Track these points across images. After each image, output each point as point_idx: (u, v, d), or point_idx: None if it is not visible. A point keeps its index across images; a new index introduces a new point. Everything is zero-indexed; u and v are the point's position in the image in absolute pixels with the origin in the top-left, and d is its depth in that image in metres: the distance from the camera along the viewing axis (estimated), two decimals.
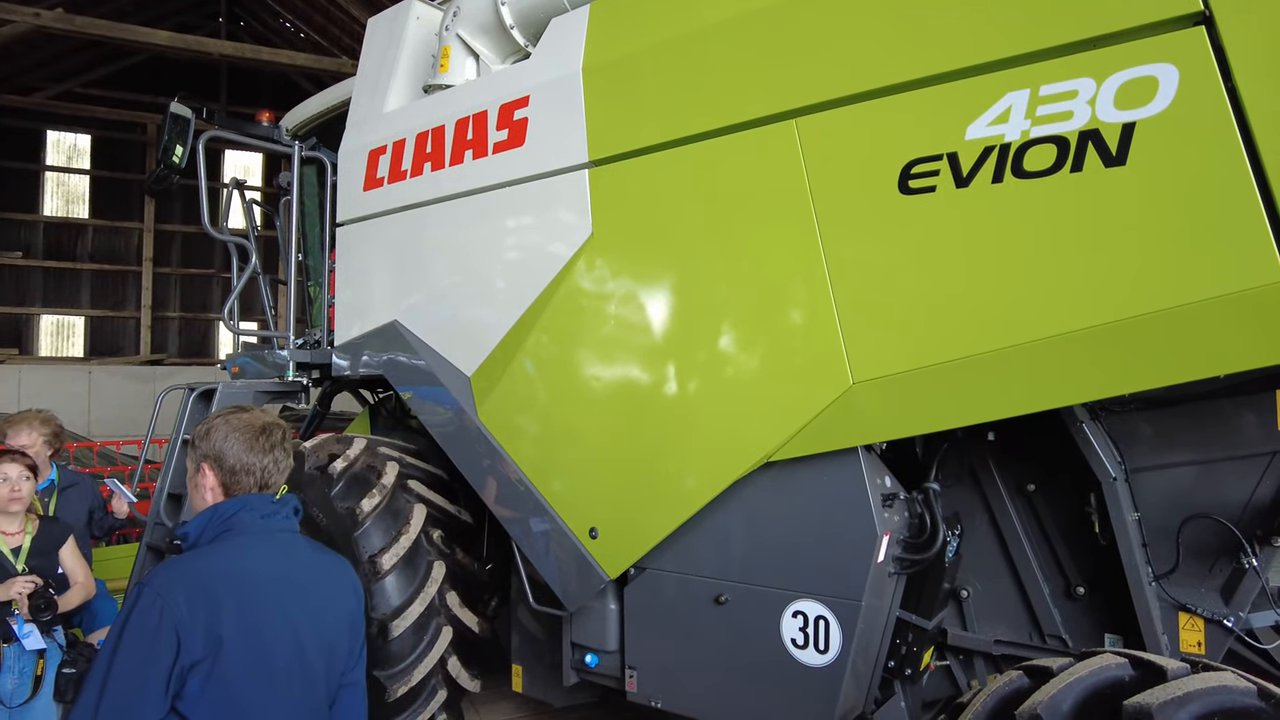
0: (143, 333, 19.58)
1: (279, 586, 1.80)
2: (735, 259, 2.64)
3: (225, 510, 1.83)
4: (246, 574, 1.76)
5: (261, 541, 1.84)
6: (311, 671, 1.82)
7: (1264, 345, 1.88)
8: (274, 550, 1.85)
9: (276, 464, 1.91)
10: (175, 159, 4.39)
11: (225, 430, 1.88)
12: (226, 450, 1.86)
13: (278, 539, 1.87)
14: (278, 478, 1.93)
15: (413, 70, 4.04)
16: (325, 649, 1.86)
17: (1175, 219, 1.94)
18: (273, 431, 1.93)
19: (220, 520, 1.82)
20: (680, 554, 2.85)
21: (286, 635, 1.77)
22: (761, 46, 2.59)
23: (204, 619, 1.64)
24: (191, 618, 1.62)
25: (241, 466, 1.86)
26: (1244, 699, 1.75)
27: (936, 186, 2.24)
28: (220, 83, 20.14)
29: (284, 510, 1.92)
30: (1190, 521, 2.52)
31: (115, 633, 1.62)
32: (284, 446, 1.95)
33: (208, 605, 1.65)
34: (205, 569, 1.74)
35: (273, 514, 1.88)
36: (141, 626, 1.60)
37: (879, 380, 2.34)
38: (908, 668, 2.75)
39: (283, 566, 1.84)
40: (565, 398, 3.06)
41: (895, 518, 2.60)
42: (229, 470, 1.86)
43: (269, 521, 1.86)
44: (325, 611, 1.89)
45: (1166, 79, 1.94)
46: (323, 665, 1.85)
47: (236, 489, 1.87)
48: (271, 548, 1.85)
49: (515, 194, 3.24)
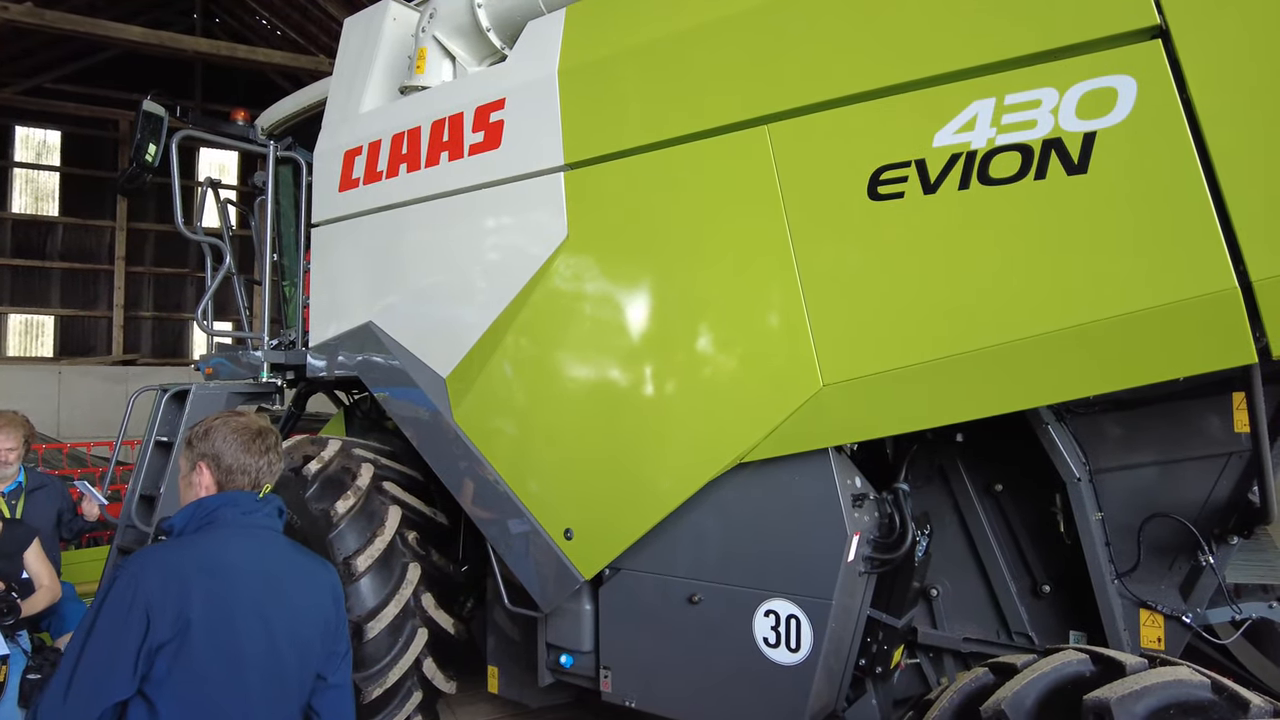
0: (115, 332, 19.28)
1: (253, 579, 1.86)
2: (708, 262, 2.67)
3: (209, 504, 1.91)
4: (221, 563, 1.83)
5: (241, 536, 1.90)
6: (282, 665, 1.87)
7: (1218, 349, 1.93)
8: (252, 545, 1.91)
9: (270, 466, 2.01)
10: (148, 158, 4.35)
11: (224, 432, 1.97)
12: (224, 451, 1.95)
13: (258, 535, 1.94)
14: (269, 479, 2.02)
15: (389, 71, 4.03)
16: (298, 645, 1.91)
17: (1134, 226, 2.00)
18: (267, 435, 2.03)
19: (204, 513, 1.90)
20: (654, 554, 2.87)
21: (257, 626, 1.82)
22: (734, 52, 2.62)
23: (174, 601, 1.71)
24: (162, 599, 1.69)
25: (238, 467, 1.95)
26: (1198, 692, 1.81)
27: (905, 193, 2.29)
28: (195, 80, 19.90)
29: (266, 509, 1.98)
30: (1151, 521, 2.58)
31: (92, 612, 1.70)
32: (276, 450, 2.05)
33: (179, 589, 1.72)
34: (180, 555, 1.82)
35: (254, 511, 1.95)
36: (115, 605, 1.68)
37: (848, 382, 2.38)
38: (878, 665, 2.79)
39: (259, 561, 1.90)
40: (540, 399, 3.07)
41: (865, 518, 2.64)
42: (225, 470, 1.95)
43: (250, 518, 1.93)
44: (300, 609, 1.94)
45: (1125, 90, 1.99)
46: (294, 660, 1.90)
47: (230, 487, 1.96)
48: (250, 542, 1.91)
49: (491, 196, 3.25)
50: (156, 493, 4.07)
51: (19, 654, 3.31)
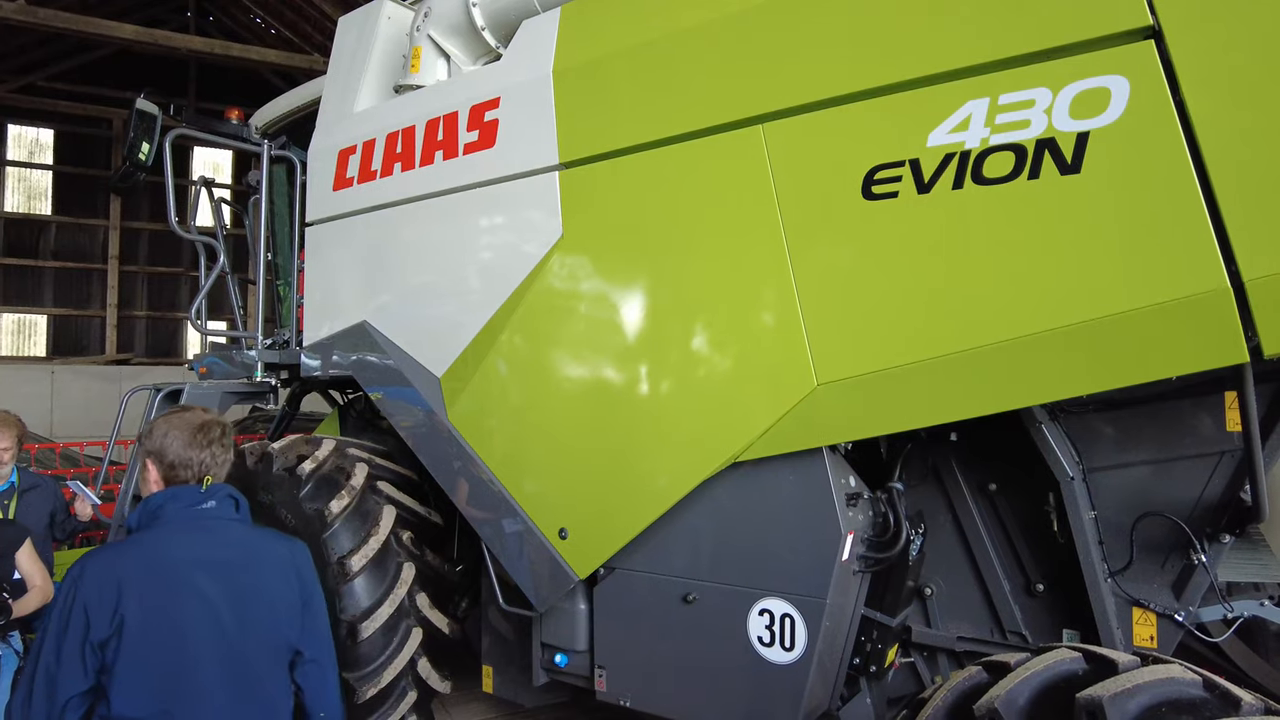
0: (108, 332, 19.22)
1: (196, 570, 1.94)
2: (702, 262, 2.67)
3: (154, 501, 2.00)
4: (159, 560, 1.93)
5: (185, 529, 1.99)
6: (239, 647, 1.95)
7: (1210, 348, 1.94)
8: (197, 537, 1.99)
9: (214, 458, 2.07)
10: (141, 156, 4.33)
11: (166, 428, 2.05)
12: (167, 446, 2.02)
13: (204, 525, 2.01)
14: (216, 470, 2.08)
15: (383, 70, 4.02)
16: (255, 626, 1.99)
17: (1127, 226, 2.00)
18: (211, 429, 2.08)
19: (149, 511, 2.00)
20: (649, 554, 2.87)
21: (203, 615, 1.91)
22: (729, 52, 2.62)
23: (109, 601, 1.82)
24: (98, 599, 1.82)
25: (180, 462, 2.02)
26: (1190, 690, 1.82)
27: (899, 192, 2.29)
28: (189, 79, 19.84)
29: (212, 499, 2.05)
30: (1144, 519, 2.59)
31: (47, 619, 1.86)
32: (221, 442, 2.10)
33: (114, 588, 1.84)
34: (119, 556, 1.94)
35: (198, 503, 2.02)
36: (61, 607, 1.83)
37: (842, 382, 2.38)
38: (873, 664, 2.80)
39: (205, 551, 1.98)
40: (535, 398, 3.07)
41: (859, 517, 2.65)
42: (169, 465, 2.02)
43: (194, 510, 2.01)
44: (254, 591, 2.02)
45: (1118, 90, 2.00)
46: (255, 641, 1.99)
47: (176, 482, 2.03)
48: (195, 535, 1.99)
49: (486, 195, 3.25)
50: None
51: (11, 655, 3.30)
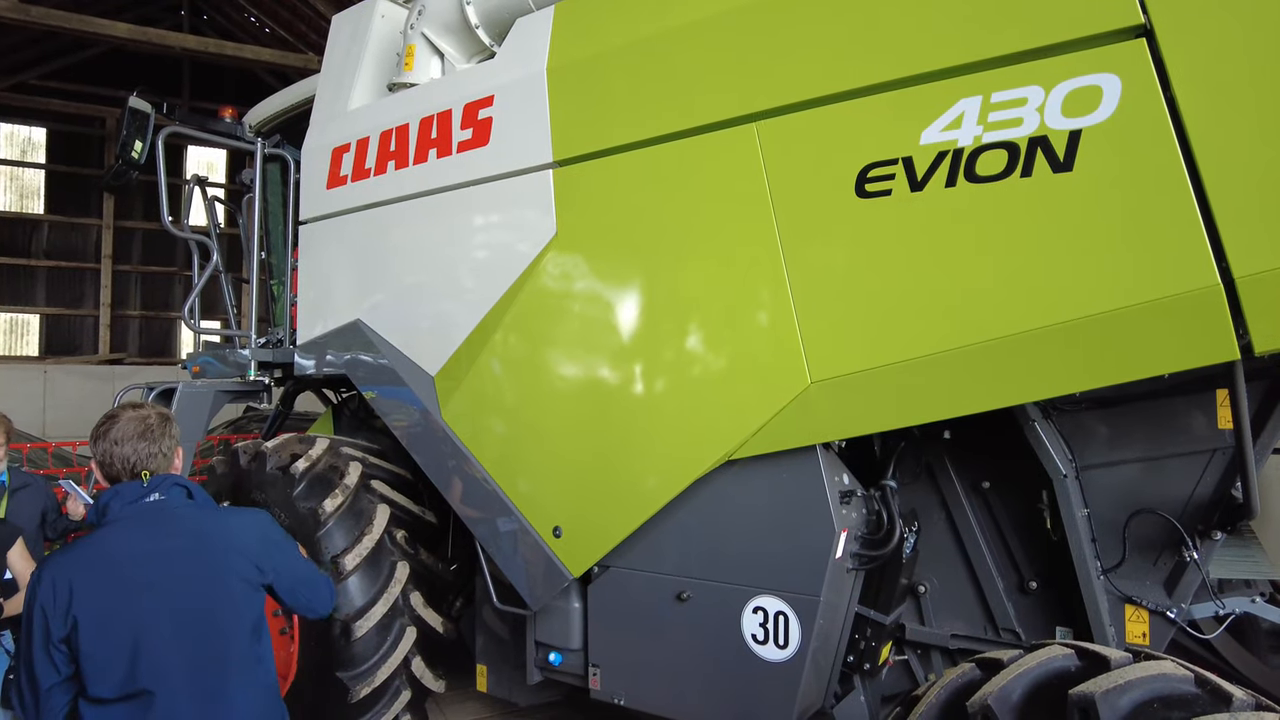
0: (102, 331, 19.14)
1: (141, 564, 2.01)
2: (696, 260, 2.67)
3: (101, 501, 2.08)
4: (103, 558, 2.00)
5: (129, 525, 2.05)
6: (198, 630, 2.03)
7: (1202, 346, 1.95)
8: (141, 531, 2.05)
9: (148, 449, 2.11)
10: (134, 155, 4.32)
11: (102, 428, 2.11)
12: (101, 446, 2.10)
13: (148, 518, 2.07)
14: (152, 463, 2.12)
15: (377, 68, 4.02)
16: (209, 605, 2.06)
17: (1119, 224, 2.01)
18: (137, 423, 2.12)
19: (98, 511, 2.08)
20: (643, 552, 2.87)
21: (152, 605, 1.99)
22: (722, 50, 2.62)
23: (61, 602, 1.92)
24: (52, 601, 1.92)
25: (112, 458, 2.09)
26: (1182, 686, 1.82)
27: (892, 190, 2.29)
28: (182, 78, 19.76)
29: (155, 491, 2.10)
30: (1136, 517, 2.60)
31: None
32: (147, 436, 2.13)
33: (65, 590, 1.93)
34: (67, 559, 1.99)
35: (139, 498, 2.08)
36: (26, 609, 1.95)
37: (836, 380, 2.39)
38: (866, 662, 2.80)
39: (149, 543, 2.04)
40: (529, 397, 3.07)
41: (853, 514, 2.65)
42: (105, 464, 2.10)
43: (138, 505, 2.07)
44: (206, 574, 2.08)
45: (1110, 88, 2.01)
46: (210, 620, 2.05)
47: (114, 479, 2.11)
48: (139, 529, 2.05)
49: (479, 193, 3.25)
50: None
51: (2, 655, 3.28)
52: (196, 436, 4.26)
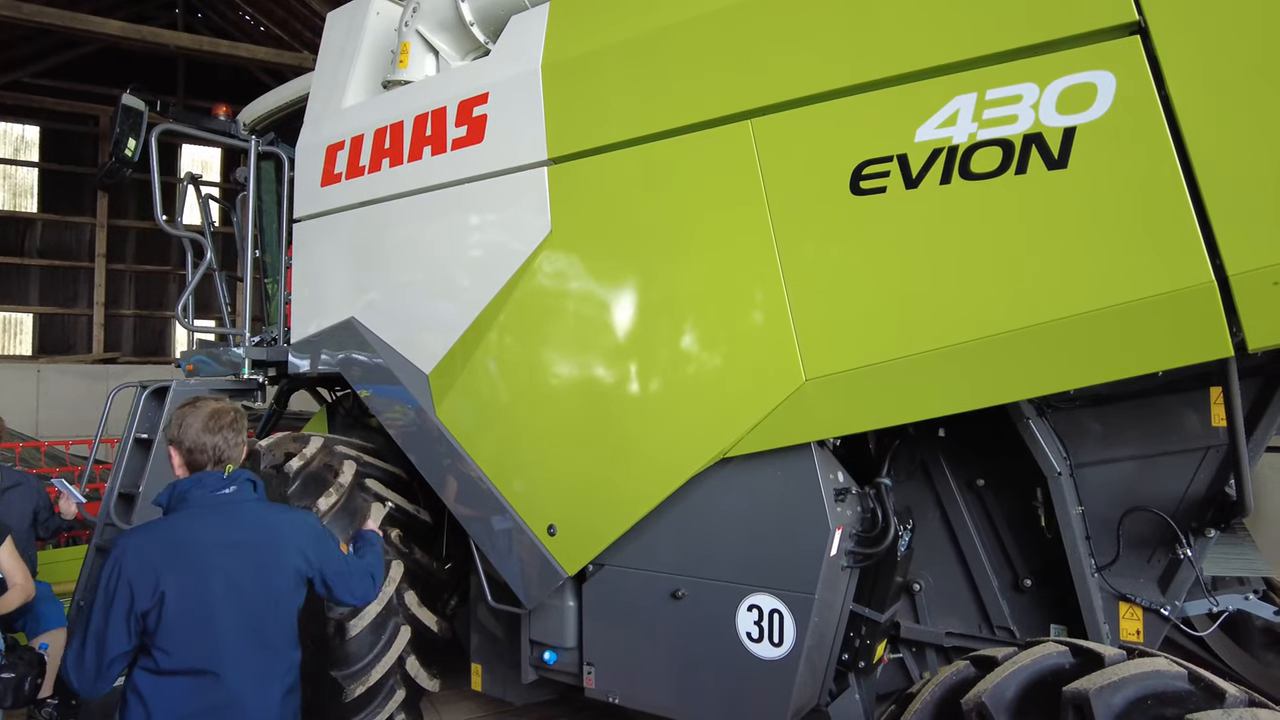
0: (95, 330, 19.06)
1: (219, 550, 2.17)
2: (691, 257, 2.67)
3: (181, 486, 2.24)
4: (185, 541, 2.16)
5: (208, 512, 2.22)
6: (256, 617, 2.20)
7: (1195, 343, 1.95)
8: (219, 519, 2.22)
9: (227, 442, 2.28)
10: (127, 152, 4.30)
11: (182, 417, 2.27)
12: (185, 435, 2.24)
13: (224, 509, 2.24)
14: (230, 453, 2.30)
15: (371, 66, 4.00)
16: (271, 597, 2.25)
17: (1113, 221, 2.01)
18: (223, 414, 2.30)
19: (177, 495, 2.23)
20: (638, 550, 2.87)
21: (225, 589, 2.15)
22: (717, 47, 2.62)
23: (149, 577, 2.07)
24: (139, 576, 2.07)
25: (197, 447, 2.24)
26: (1176, 683, 1.83)
27: (887, 187, 2.29)
28: (176, 76, 19.69)
29: (232, 485, 2.27)
30: (1130, 514, 2.60)
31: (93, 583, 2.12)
32: (233, 428, 2.32)
33: (152, 566, 2.09)
34: (153, 536, 2.16)
35: (220, 488, 2.25)
36: (105, 583, 2.08)
37: (831, 377, 2.38)
38: (861, 660, 2.80)
39: (226, 532, 2.20)
40: (524, 395, 3.06)
41: (848, 512, 2.65)
42: (188, 451, 2.25)
43: (217, 494, 2.23)
44: (271, 567, 2.26)
45: (1105, 85, 2.01)
46: (271, 611, 2.24)
47: (196, 467, 2.26)
48: (217, 517, 2.22)
49: (474, 191, 3.24)
50: (135, 491, 4.02)
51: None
52: None
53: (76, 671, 2.07)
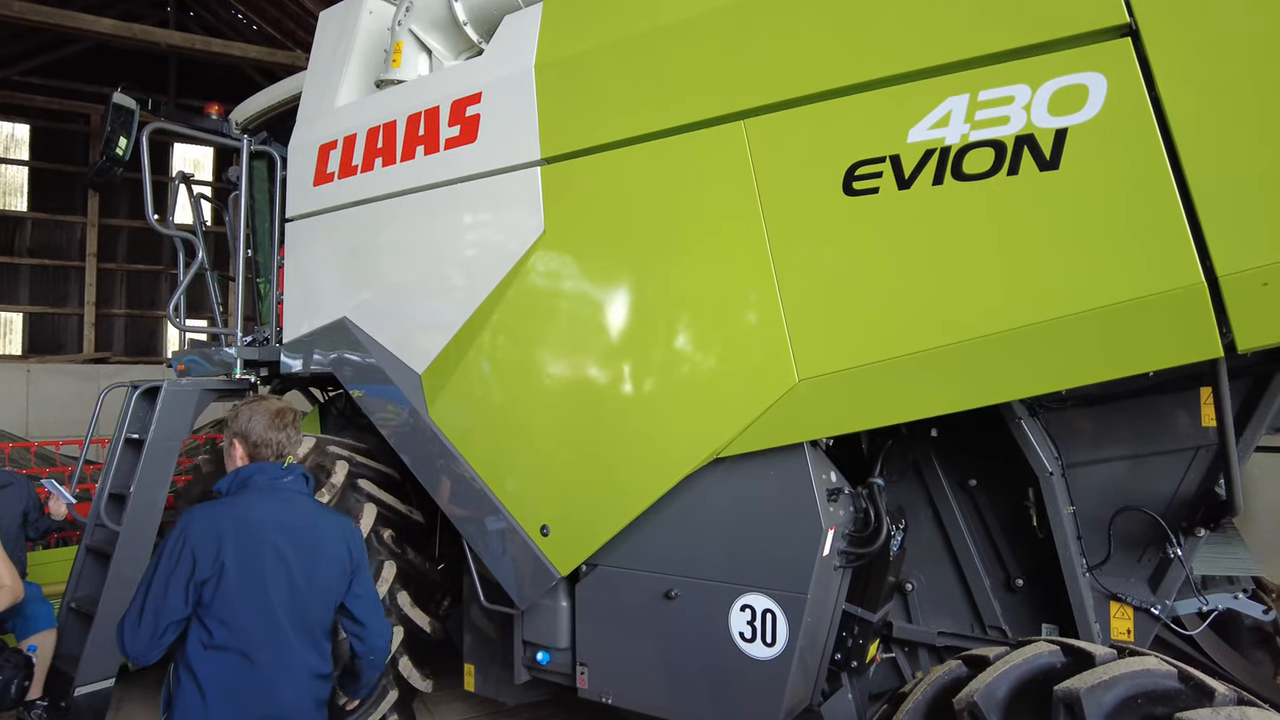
0: (86, 330, 18.93)
1: (276, 531, 2.33)
2: (684, 257, 2.67)
3: (244, 472, 2.41)
4: (249, 519, 2.32)
5: (268, 497, 2.39)
6: (302, 601, 2.34)
7: (1186, 343, 1.96)
8: (277, 505, 2.39)
9: (289, 439, 2.50)
10: (118, 151, 4.28)
11: (250, 414, 2.45)
12: (252, 429, 2.43)
13: (282, 496, 2.42)
14: (289, 449, 2.52)
15: (364, 65, 3.99)
16: (316, 585, 2.38)
17: (1104, 222, 2.02)
18: (286, 414, 2.51)
19: (239, 480, 2.40)
20: (631, 550, 2.86)
21: (279, 568, 2.30)
22: (711, 48, 2.62)
23: (212, 548, 2.22)
24: (203, 546, 2.22)
25: (262, 441, 2.44)
26: (1166, 681, 1.83)
27: (880, 188, 2.30)
28: (168, 74, 19.57)
29: (290, 475, 2.47)
30: (1121, 514, 2.61)
31: (155, 557, 2.26)
32: (294, 426, 2.54)
33: (216, 538, 2.24)
34: (216, 514, 2.31)
35: (280, 477, 2.44)
36: (170, 551, 2.23)
37: (824, 377, 2.39)
38: (854, 660, 2.81)
39: (282, 517, 2.37)
40: (517, 395, 3.05)
41: (840, 512, 2.65)
42: (253, 444, 2.43)
43: (276, 482, 2.42)
44: (318, 556, 2.40)
45: (1096, 87, 2.02)
46: (314, 597, 2.38)
47: (259, 458, 2.45)
48: (275, 503, 2.39)
49: (467, 190, 3.23)
50: (127, 491, 4.00)
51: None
52: (182, 435, 4.22)
53: (132, 636, 2.19)
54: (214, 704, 2.21)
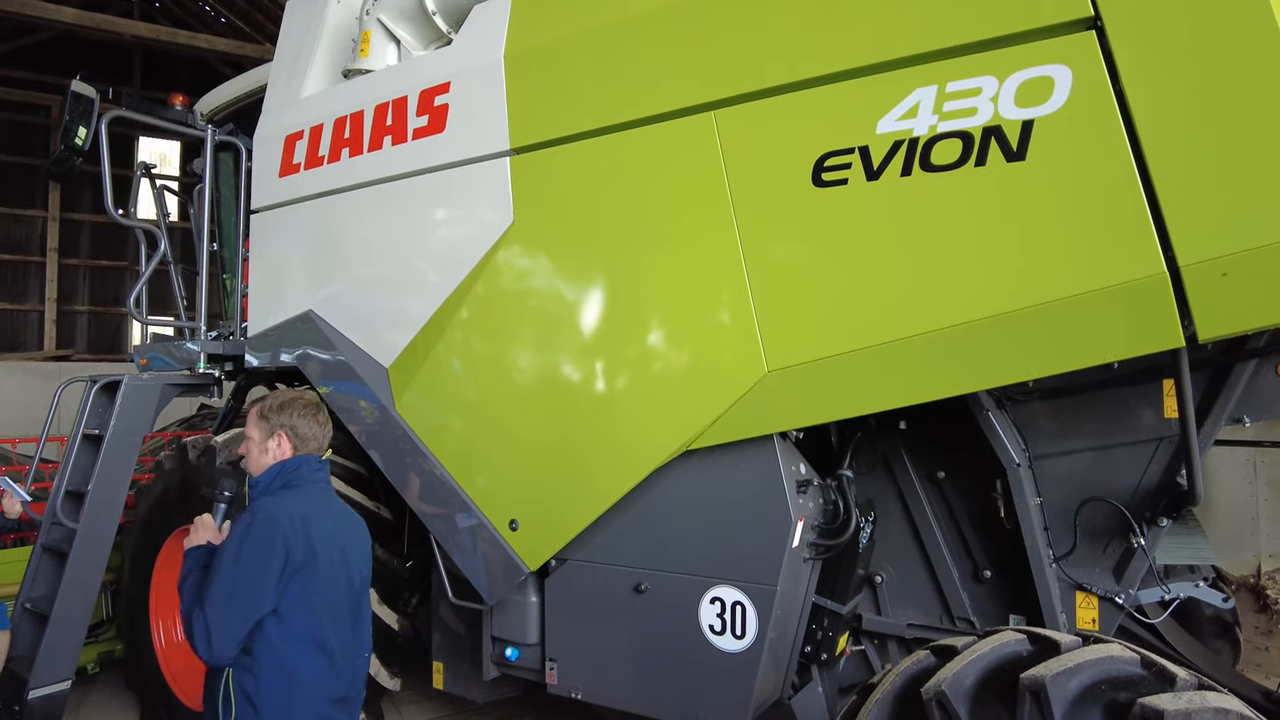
0: (47, 327, 18.48)
1: (331, 522, 2.37)
2: (654, 248, 2.66)
3: (292, 464, 2.39)
4: (316, 509, 2.33)
5: (315, 489, 2.41)
6: (353, 588, 2.40)
7: (1148, 333, 1.98)
8: (326, 495, 2.47)
9: (327, 434, 2.51)
10: (77, 141, 4.17)
11: (296, 408, 2.43)
12: (300, 424, 2.41)
13: (324, 490, 2.46)
14: (327, 442, 2.52)
15: (332, 55, 3.93)
16: (358, 574, 2.44)
17: (1070, 213, 2.03)
18: (322, 409, 2.52)
19: (288, 472, 2.37)
20: (600, 544, 2.84)
21: (339, 559, 2.33)
22: (681, 38, 2.61)
23: (302, 536, 2.21)
24: (294, 535, 2.19)
25: (310, 435, 2.43)
26: (1129, 668, 1.86)
27: (848, 179, 2.30)
28: (133, 67, 19.15)
29: (326, 469, 2.50)
30: (1086, 505, 2.65)
31: (235, 551, 2.16)
32: (329, 419, 2.55)
33: (303, 526, 2.23)
34: (296, 504, 2.29)
35: (320, 469, 2.46)
36: (260, 542, 2.16)
37: (793, 369, 2.38)
38: (824, 652, 2.81)
39: (330, 509, 2.42)
40: (485, 389, 3.02)
41: (809, 504, 2.65)
42: (301, 438, 2.41)
43: (317, 474, 2.44)
44: (356, 547, 2.46)
45: (1061, 79, 2.03)
46: (359, 578, 2.44)
47: (303, 452, 2.42)
48: (321, 496, 2.43)
49: (435, 181, 3.19)
50: (84, 489, 3.89)
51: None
52: (143, 430, 4.12)
53: (222, 638, 2.10)
54: (300, 691, 2.20)
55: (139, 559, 4.24)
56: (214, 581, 2.15)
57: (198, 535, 2.38)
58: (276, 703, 2.18)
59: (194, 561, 2.30)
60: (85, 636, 4.08)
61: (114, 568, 4.42)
